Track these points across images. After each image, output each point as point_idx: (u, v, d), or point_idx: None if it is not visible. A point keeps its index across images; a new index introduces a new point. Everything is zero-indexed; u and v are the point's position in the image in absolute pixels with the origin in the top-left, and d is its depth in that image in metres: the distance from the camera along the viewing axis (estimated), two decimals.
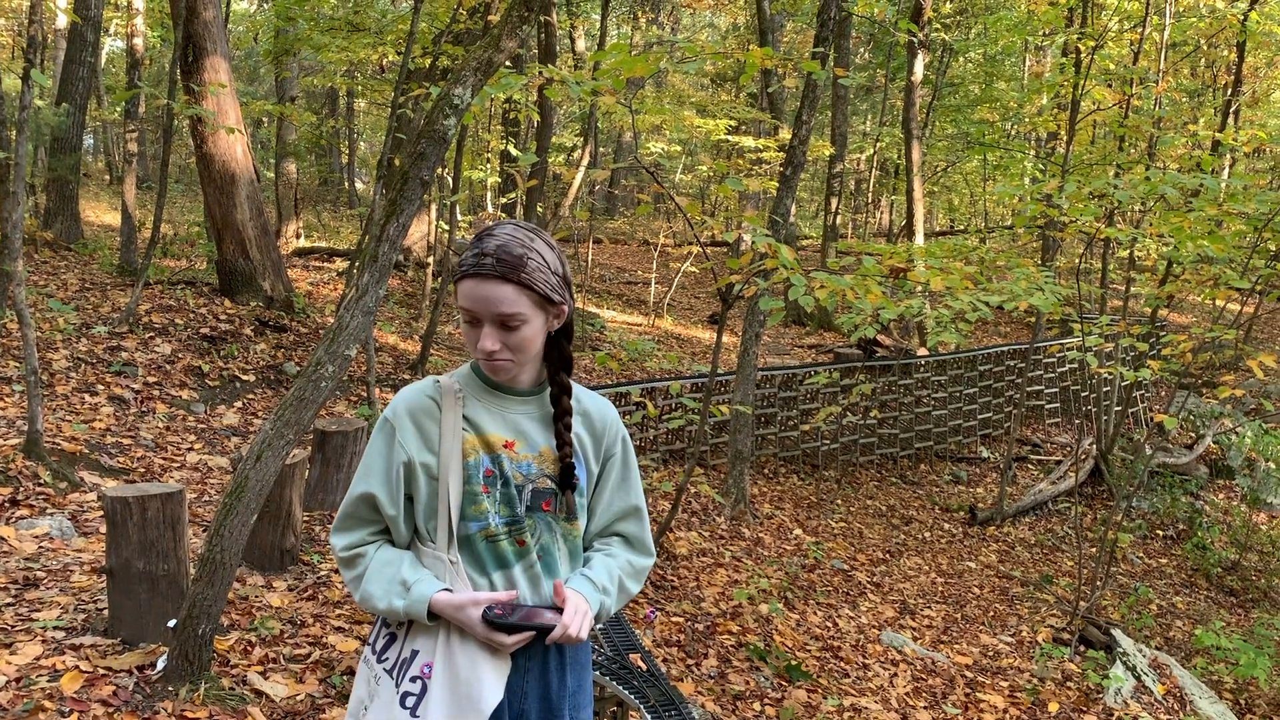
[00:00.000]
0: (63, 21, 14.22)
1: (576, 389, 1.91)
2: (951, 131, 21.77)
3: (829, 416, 10.62)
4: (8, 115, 6.38)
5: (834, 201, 18.44)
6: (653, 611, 5.67)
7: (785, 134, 15.44)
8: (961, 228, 29.10)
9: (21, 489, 5.53)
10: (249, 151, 10.16)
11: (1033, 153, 21.34)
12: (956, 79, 22.74)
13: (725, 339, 14.00)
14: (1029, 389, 13.69)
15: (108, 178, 22.33)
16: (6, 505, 5.35)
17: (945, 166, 22.89)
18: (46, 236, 11.70)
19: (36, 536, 5.12)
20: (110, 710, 3.64)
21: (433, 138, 3.96)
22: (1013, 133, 22.74)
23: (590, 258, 19.23)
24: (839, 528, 9.24)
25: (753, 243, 5.74)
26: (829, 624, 6.63)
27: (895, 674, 6.08)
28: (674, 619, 5.74)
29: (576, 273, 18.98)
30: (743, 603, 6.28)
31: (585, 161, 14.63)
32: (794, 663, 5.55)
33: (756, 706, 4.98)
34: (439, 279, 10.92)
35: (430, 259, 12.89)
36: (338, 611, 4.70)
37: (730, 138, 16.79)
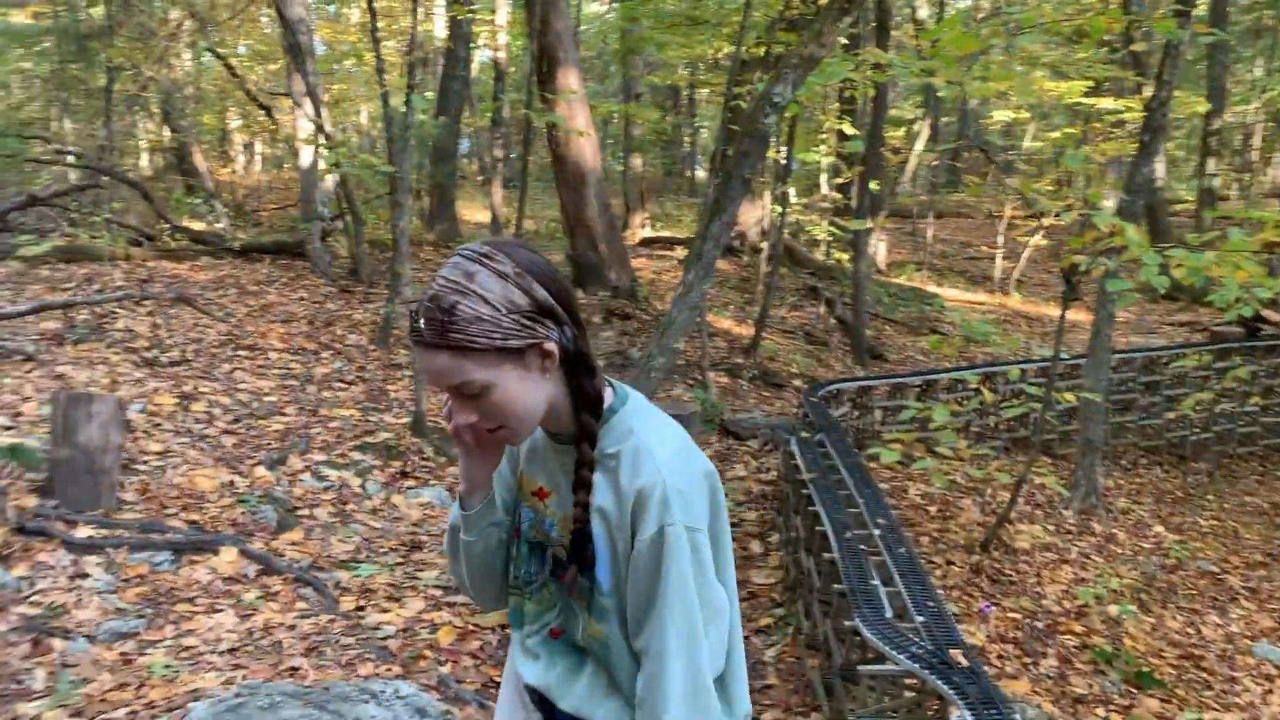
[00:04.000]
0: (441, 33, 15.96)
1: (635, 436, 1.42)
2: None
3: (1198, 404, 9.64)
4: (395, 134, 7.29)
5: (1211, 162, 16.57)
6: (988, 606, 5.49)
7: (1150, 92, 14.08)
8: None
9: (409, 462, 6.34)
10: (597, 152, 10.87)
11: None
12: None
13: (1079, 317, 13.07)
14: None
15: (480, 179, 24.65)
16: (397, 476, 6.16)
17: None
18: (429, 237, 13.17)
19: (421, 505, 5.85)
20: (477, 663, 4.13)
21: (754, 136, 4.08)
22: None
23: (930, 233, 18.62)
24: (1209, 526, 8.39)
25: (1095, 220, 5.37)
26: (1190, 631, 6.08)
27: (1270, 690, 5.48)
28: (1011, 615, 5.52)
29: (916, 249, 18.45)
30: (1089, 602, 5.91)
31: (925, 135, 14.21)
32: (1146, 669, 5.17)
33: (1100, 712, 4.70)
34: (772, 263, 11.10)
35: (764, 244, 13.10)
36: None
37: (1085, 100, 15.57)
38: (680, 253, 15.28)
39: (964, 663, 3.22)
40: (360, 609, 4.45)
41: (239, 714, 3.20)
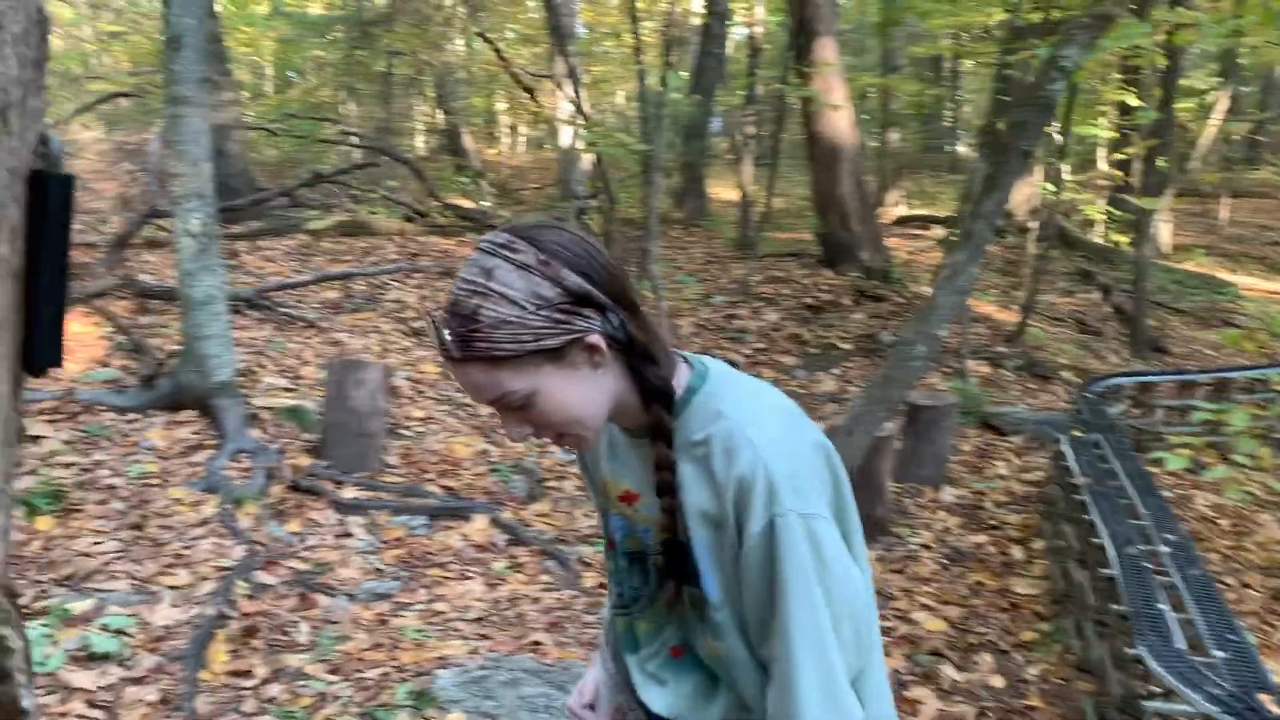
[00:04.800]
0: (698, 9, 15.99)
1: (724, 417, 1.23)
2: None
3: None
4: (649, 112, 7.28)
5: None
6: None
7: None
8: None
9: None
10: (854, 126, 10.48)
11: None
12: None
13: None
14: None
15: (731, 157, 24.60)
16: None
17: None
18: (678, 215, 13.22)
19: None
20: None
21: (1036, 105, 3.70)
22: None
23: (1225, 214, 16.82)
24: None
25: None
26: None
27: None
28: None
29: (1206, 232, 16.75)
30: None
31: (1222, 106, 12.84)
32: None
33: None
34: (1042, 244, 10.33)
35: (1032, 223, 12.24)
36: (925, 588, 4.69)
37: None
38: (938, 232, 14.56)
39: (1276, 710, 2.78)
40: (602, 586, 4.45)
41: (482, 686, 3.25)
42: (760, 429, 1.20)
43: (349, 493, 4.78)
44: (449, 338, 1.16)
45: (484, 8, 15.39)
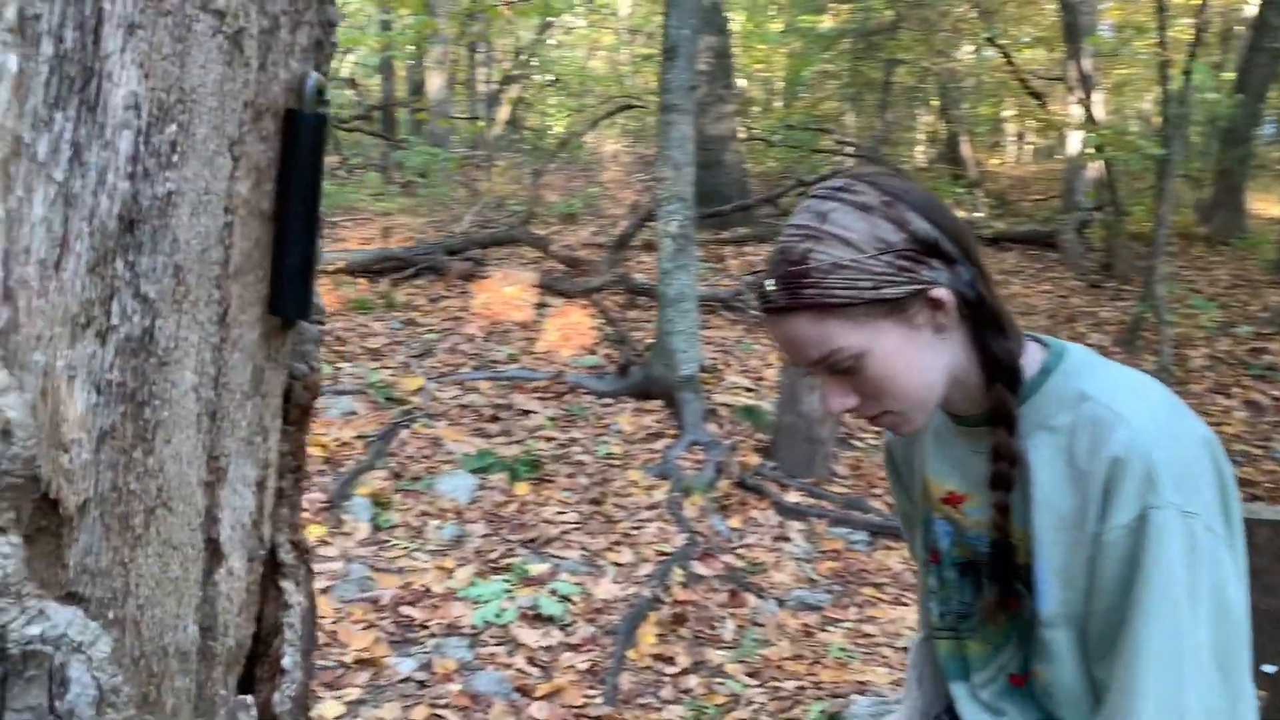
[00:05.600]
0: (1252, 3, 13.89)
1: (1090, 400, 1.01)
2: None
3: None
4: (1170, 114, 6.42)
5: None
6: None
7: None
8: None
9: None
10: None
11: None
12: None
13: None
14: None
15: None
16: None
17: None
18: (1202, 231, 11.60)
19: None
20: None
21: None
22: None
23: None
24: None
25: None
26: None
27: None
28: None
29: None
30: None
31: None
32: None
33: None
34: None
35: None
36: None
37: None
38: None
39: None
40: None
41: None
42: (1138, 412, 0.99)
43: (792, 496, 4.75)
44: (772, 285, 1.01)
45: (996, 10, 14.69)
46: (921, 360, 1.03)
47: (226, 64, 0.61)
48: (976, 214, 12.64)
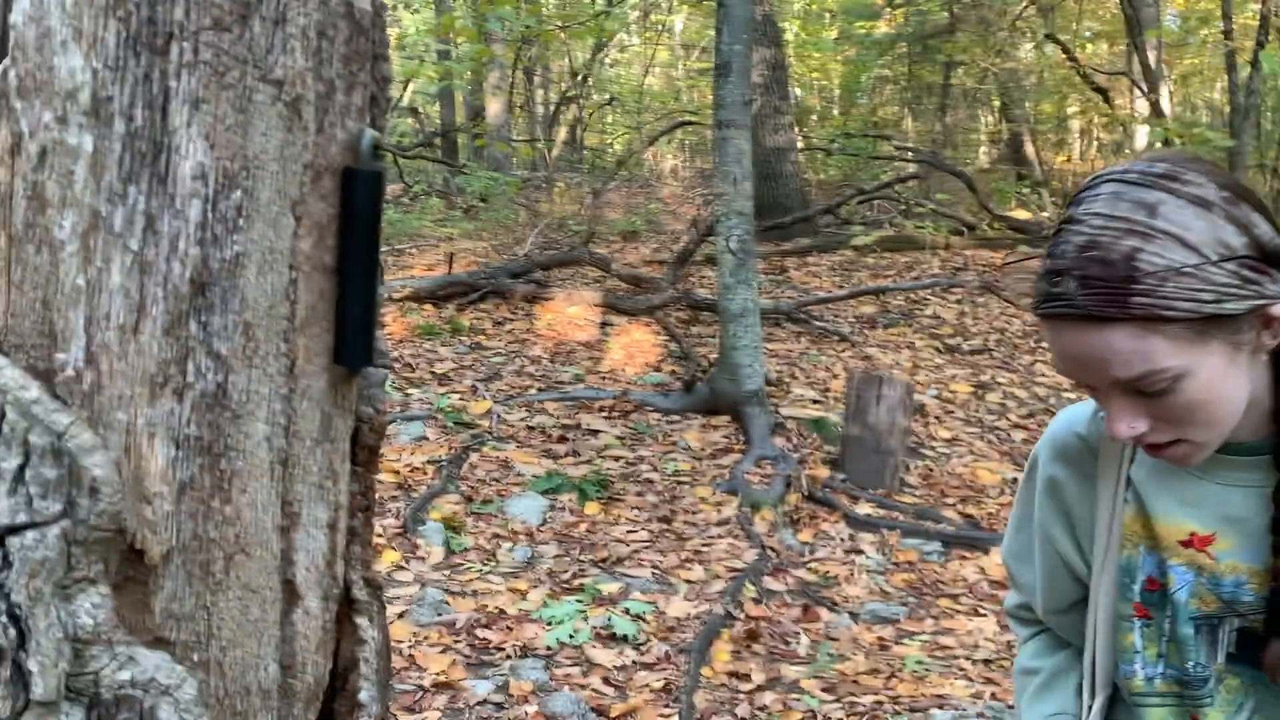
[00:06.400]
0: None
1: None
2: None
3: None
4: (1238, 102, 6.26)
5: None
6: None
7: None
8: None
9: None
10: None
11: None
12: None
13: None
14: None
15: None
16: None
17: None
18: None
19: None
20: None
21: None
22: None
23: None
24: None
25: None
26: None
27: None
28: None
29: None
30: None
31: None
32: None
33: None
34: None
35: None
36: None
37: None
38: None
39: None
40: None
41: None
42: None
43: (863, 508, 4.71)
44: (1081, 290, 0.87)
45: (1056, 6, 14.46)
46: (1237, 384, 0.91)
47: (286, 130, 0.64)
48: (1044, 213, 12.42)
